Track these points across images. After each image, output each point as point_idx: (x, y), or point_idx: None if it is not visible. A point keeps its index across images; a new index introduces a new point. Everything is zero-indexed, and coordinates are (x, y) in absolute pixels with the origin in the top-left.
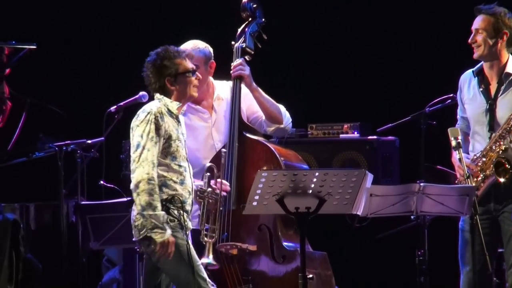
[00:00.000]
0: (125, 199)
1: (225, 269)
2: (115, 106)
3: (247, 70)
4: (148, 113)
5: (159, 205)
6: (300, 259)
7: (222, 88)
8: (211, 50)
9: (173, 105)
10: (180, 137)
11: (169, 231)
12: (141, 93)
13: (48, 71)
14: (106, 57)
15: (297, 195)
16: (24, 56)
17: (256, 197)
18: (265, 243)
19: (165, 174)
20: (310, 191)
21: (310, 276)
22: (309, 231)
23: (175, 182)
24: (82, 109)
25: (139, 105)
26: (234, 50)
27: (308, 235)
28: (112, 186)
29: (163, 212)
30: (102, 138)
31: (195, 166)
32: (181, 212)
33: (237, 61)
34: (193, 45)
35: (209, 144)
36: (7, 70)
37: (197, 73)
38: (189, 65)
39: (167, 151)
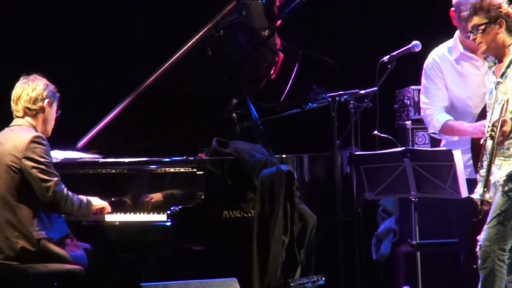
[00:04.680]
0: (399, 149)
1: None
2: (387, 56)
3: None
4: None
5: None
6: None
7: None
8: None
9: None
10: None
11: None
12: (413, 42)
13: (321, 21)
14: (378, 5)
15: None
16: (296, 7)
17: None
18: None
19: None
20: None
21: None
22: None
23: None
24: (355, 59)
25: (411, 54)
26: None
27: None
28: (386, 136)
29: None
30: (375, 88)
31: (466, 114)
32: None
33: None
34: None
35: (481, 93)
36: (278, 22)
37: None
38: None
39: None
